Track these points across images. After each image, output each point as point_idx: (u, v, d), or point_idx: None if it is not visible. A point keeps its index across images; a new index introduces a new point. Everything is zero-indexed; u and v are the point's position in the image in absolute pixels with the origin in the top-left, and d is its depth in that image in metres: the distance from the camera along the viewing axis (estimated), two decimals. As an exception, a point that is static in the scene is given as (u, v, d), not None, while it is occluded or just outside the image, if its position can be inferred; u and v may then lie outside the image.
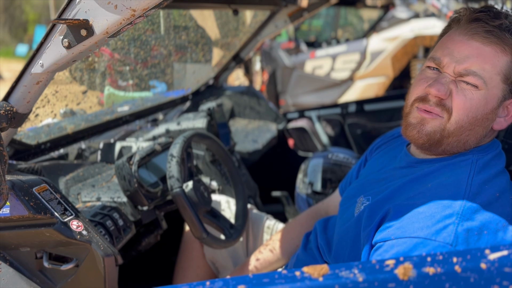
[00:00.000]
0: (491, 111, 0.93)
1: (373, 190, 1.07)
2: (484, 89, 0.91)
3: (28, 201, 1.05)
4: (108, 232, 1.26)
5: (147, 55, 2.24)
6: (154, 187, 1.46)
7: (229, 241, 1.44)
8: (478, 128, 0.94)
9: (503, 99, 0.94)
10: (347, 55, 5.06)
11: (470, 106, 0.91)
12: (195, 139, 1.50)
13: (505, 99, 0.94)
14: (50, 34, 0.97)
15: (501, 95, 0.93)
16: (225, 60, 2.63)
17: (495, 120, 0.95)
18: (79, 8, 0.91)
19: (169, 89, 2.54)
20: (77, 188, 1.51)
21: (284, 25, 2.31)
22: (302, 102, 5.39)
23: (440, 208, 0.87)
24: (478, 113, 0.92)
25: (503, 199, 0.90)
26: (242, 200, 1.60)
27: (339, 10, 6.94)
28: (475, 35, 0.91)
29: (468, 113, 0.92)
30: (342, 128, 2.70)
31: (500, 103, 0.94)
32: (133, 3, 0.86)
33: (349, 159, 2.09)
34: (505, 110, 0.96)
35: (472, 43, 0.91)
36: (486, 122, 0.94)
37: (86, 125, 1.80)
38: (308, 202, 2.06)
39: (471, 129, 0.93)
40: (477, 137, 0.96)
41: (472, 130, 0.93)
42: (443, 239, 0.83)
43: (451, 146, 0.96)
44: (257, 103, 2.66)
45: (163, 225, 1.54)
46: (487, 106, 0.92)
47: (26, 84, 1.04)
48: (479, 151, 0.97)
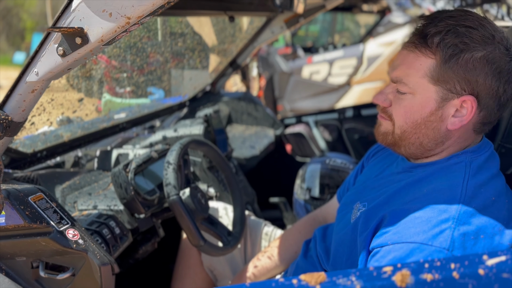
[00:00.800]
0: (430, 113, 0.94)
1: (369, 196, 1.07)
2: (415, 93, 0.94)
3: (23, 210, 1.05)
4: (105, 241, 1.26)
5: (144, 62, 2.24)
6: (151, 195, 1.45)
7: (227, 249, 1.43)
8: (425, 130, 0.95)
9: (443, 100, 0.92)
10: (344, 60, 5.08)
11: (405, 112, 0.96)
12: (192, 146, 1.50)
13: (446, 98, 0.92)
14: (45, 42, 0.97)
15: (438, 96, 0.92)
16: (222, 66, 2.63)
17: (446, 121, 0.93)
18: (74, 16, 0.91)
19: (166, 95, 2.54)
20: (74, 196, 1.50)
21: (280, 31, 2.31)
22: (300, 107, 5.40)
23: (436, 212, 0.87)
24: (416, 117, 0.95)
25: (499, 203, 0.90)
26: (240, 207, 1.60)
27: (335, 15, 6.97)
28: (404, 45, 0.97)
29: (406, 119, 0.96)
30: (340, 133, 2.70)
31: (441, 104, 0.92)
32: (127, 11, 0.86)
33: (347, 165, 2.09)
34: (462, 110, 0.92)
35: (402, 52, 0.97)
36: (432, 124, 0.95)
37: (83, 133, 1.80)
38: (306, 208, 2.05)
39: (417, 132, 0.96)
40: (431, 138, 0.96)
41: (419, 133, 0.96)
42: (440, 244, 0.82)
43: (410, 149, 1.00)
44: (254, 109, 2.66)
45: (160, 233, 1.53)
46: (424, 109, 0.94)
47: (21, 93, 1.04)
48: (472, 151, 0.97)
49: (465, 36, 0.88)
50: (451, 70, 0.89)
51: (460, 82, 0.90)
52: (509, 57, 0.91)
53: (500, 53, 0.89)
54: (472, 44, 0.88)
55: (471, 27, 0.89)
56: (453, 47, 0.89)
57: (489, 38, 0.89)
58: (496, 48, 0.89)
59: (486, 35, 0.89)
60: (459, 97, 0.91)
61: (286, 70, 5.43)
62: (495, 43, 0.89)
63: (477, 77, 0.89)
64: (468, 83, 0.90)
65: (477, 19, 0.91)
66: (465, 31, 0.89)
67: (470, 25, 0.89)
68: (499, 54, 0.89)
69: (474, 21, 0.90)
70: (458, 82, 0.90)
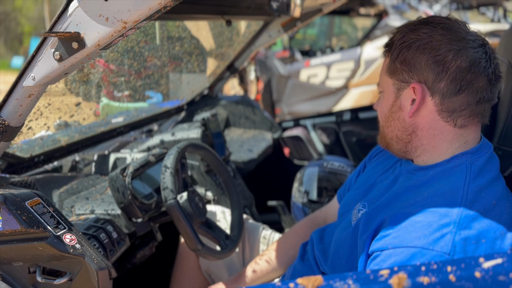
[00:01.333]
0: (392, 104, 1.04)
1: (370, 198, 1.07)
2: (384, 90, 1.07)
3: (20, 215, 1.04)
4: (102, 245, 1.25)
5: (141, 66, 2.24)
6: (148, 199, 1.45)
7: (225, 252, 1.43)
8: (393, 121, 1.04)
9: (398, 90, 1.01)
10: (341, 64, 5.09)
11: (380, 108, 1.10)
12: (189, 149, 1.50)
13: (400, 88, 1.01)
14: (41, 47, 0.97)
15: (394, 88, 1.02)
16: (220, 70, 2.64)
17: (405, 110, 1.00)
18: (71, 20, 0.91)
19: (164, 99, 2.54)
20: (71, 200, 1.49)
21: (277, 35, 2.32)
22: (298, 110, 5.41)
23: (437, 217, 0.87)
24: (385, 111, 1.07)
25: (500, 207, 0.90)
26: (238, 210, 1.60)
27: (333, 19, 6.99)
28: None
29: (381, 114, 1.09)
30: (337, 136, 2.70)
31: (398, 94, 1.02)
32: (124, 15, 0.87)
33: (345, 168, 2.09)
34: (416, 99, 0.98)
35: None
36: (395, 115, 1.03)
37: (80, 137, 1.80)
38: (304, 211, 2.05)
39: (388, 125, 1.06)
40: (401, 129, 1.03)
41: (390, 126, 1.06)
42: (441, 248, 0.82)
43: (393, 144, 1.07)
44: (252, 112, 2.66)
45: (158, 237, 1.53)
46: (388, 102, 1.05)
47: (17, 97, 1.04)
48: (472, 153, 0.97)
49: (409, 32, 0.99)
50: (397, 61, 1.00)
51: (406, 71, 0.98)
52: (447, 39, 0.95)
53: (438, 38, 0.95)
54: (413, 36, 0.98)
55: (421, 25, 0.98)
56: (396, 42, 1.01)
57: (428, 30, 0.97)
58: (433, 36, 0.95)
59: (425, 30, 0.97)
60: (409, 85, 0.98)
61: (284, 73, 5.44)
62: (433, 31, 0.96)
63: (415, 63, 0.96)
64: (412, 71, 0.97)
65: (434, 21, 0.98)
66: (410, 28, 0.99)
67: (421, 25, 0.98)
68: (436, 40, 0.95)
69: (428, 22, 0.99)
70: (404, 71, 0.99)
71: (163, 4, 0.85)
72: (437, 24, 0.97)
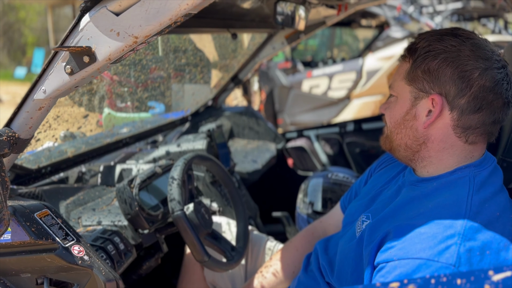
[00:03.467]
0: (406, 112, 1.02)
1: (375, 209, 1.08)
2: (398, 96, 1.04)
3: (29, 227, 1.05)
4: (109, 257, 1.26)
5: (146, 78, 2.26)
6: (155, 210, 1.46)
7: (231, 264, 1.43)
8: (405, 129, 1.03)
9: (415, 99, 1.00)
10: (343, 74, 5.12)
11: (390, 114, 1.07)
12: (196, 161, 1.51)
13: (418, 97, 0.99)
14: (52, 61, 0.98)
15: (411, 96, 1.00)
16: (224, 81, 2.66)
17: (420, 120, 0.99)
18: (82, 35, 0.93)
19: (168, 110, 2.56)
20: (78, 212, 1.50)
21: (281, 47, 2.34)
22: (300, 120, 5.42)
23: (441, 228, 0.87)
24: (397, 117, 1.04)
25: (504, 218, 0.91)
26: (243, 222, 1.60)
27: (334, 30, 7.04)
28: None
29: (391, 119, 1.06)
30: (341, 147, 2.71)
31: (414, 103, 1.00)
32: (135, 30, 0.88)
33: (349, 179, 2.10)
34: (433, 111, 0.97)
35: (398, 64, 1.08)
36: (409, 123, 1.02)
37: (87, 148, 1.81)
38: (309, 222, 2.05)
39: (398, 132, 1.04)
40: (411, 138, 1.02)
41: (401, 133, 1.04)
42: (446, 260, 0.83)
43: (400, 150, 1.06)
44: (256, 123, 2.68)
45: (163, 248, 1.53)
46: (402, 109, 1.03)
47: (28, 110, 1.05)
48: (475, 166, 0.97)
49: (435, 41, 0.98)
50: (419, 69, 0.98)
51: (428, 81, 0.97)
52: (475, 56, 0.95)
53: (469, 59, 0.94)
54: (440, 46, 0.96)
55: (447, 36, 0.98)
56: (420, 49, 0.99)
57: (456, 43, 0.96)
58: (461, 50, 0.95)
59: (458, 42, 0.96)
60: (428, 96, 0.97)
61: (286, 84, 5.47)
62: (462, 45, 0.95)
63: (439, 75, 0.95)
64: (434, 82, 0.96)
65: (462, 34, 0.98)
66: (437, 37, 0.98)
67: (448, 36, 0.98)
68: (467, 59, 0.94)
69: (455, 33, 0.98)
70: (426, 80, 0.97)
71: (174, 20, 0.86)
72: (466, 38, 0.96)
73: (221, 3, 1.53)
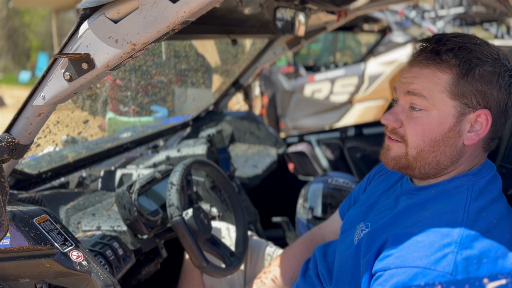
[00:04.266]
0: (449, 129, 0.93)
1: (373, 217, 1.08)
2: (433, 109, 0.93)
3: (28, 232, 1.05)
4: (108, 262, 1.26)
5: (148, 83, 2.27)
6: (154, 215, 1.46)
7: (230, 270, 1.43)
8: (443, 147, 0.95)
9: (460, 115, 0.93)
10: (345, 79, 5.12)
11: (422, 131, 0.95)
12: (195, 166, 1.51)
13: (463, 113, 0.93)
14: (52, 68, 0.99)
15: (455, 111, 0.93)
16: (225, 86, 2.67)
17: (463, 136, 0.94)
18: (81, 42, 0.94)
19: (169, 115, 2.57)
20: (78, 217, 1.51)
21: (282, 52, 2.35)
22: (302, 125, 5.43)
23: (438, 237, 0.87)
24: (434, 134, 0.94)
25: (501, 226, 0.90)
26: (243, 227, 1.60)
27: (337, 34, 7.06)
28: (415, 62, 0.97)
29: (423, 137, 0.95)
30: (342, 152, 2.71)
31: (459, 119, 0.93)
32: (133, 37, 0.89)
33: (349, 184, 2.10)
34: (475, 126, 0.93)
35: (413, 69, 0.96)
36: (450, 141, 0.94)
37: (87, 153, 1.82)
38: (308, 228, 2.05)
39: (435, 150, 0.95)
40: (448, 156, 0.96)
41: (437, 151, 0.95)
42: (443, 268, 0.82)
43: (425, 169, 0.98)
44: (257, 128, 2.68)
45: (163, 254, 1.53)
46: (443, 125, 0.93)
47: (28, 116, 1.06)
48: (474, 174, 0.97)
49: (477, 52, 0.92)
50: (469, 84, 0.91)
51: (477, 96, 0.91)
52: (510, 72, 0.94)
53: (507, 69, 0.94)
54: (484, 58, 0.91)
55: (478, 44, 0.93)
56: (469, 62, 0.91)
57: (495, 54, 0.93)
58: (502, 63, 0.93)
59: (492, 52, 0.93)
60: (474, 111, 0.92)
61: (288, 88, 5.48)
62: (500, 59, 0.94)
63: (492, 90, 0.91)
64: (484, 97, 0.91)
65: (479, 39, 0.96)
66: (475, 47, 0.92)
67: (477, 42, 0.93)
68: (506, 69, 0.93)
69: (477, 40, 0.95)
70: (475, 96, 0.91)
71: (171, 27, 0.87)
72: (503, 54, 0.95)
73: (220, 10, 1.53)
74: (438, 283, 0.77)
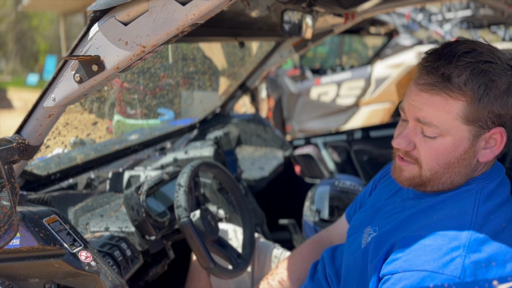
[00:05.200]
0: (464, 151, 0.92)
1: (380, 221, 1.07)
2: (447, 135, 0.92)
3: (38, 232, 1.06)
4: (116, 263, 1.27)
5: (155, 86, 2.29)
6: (162, 217, 1.47)
7: (237, 271, 1.43)
8: (458, 168, 0.94)
9: (475, 137, 0.92)
10: (352, 82, 5.12)
11: (437, 155, 0.93)
12: (202, 168, 1.52)
13: (478, 135, 0.91)
14: (62, 69, 1.00)
15: (471, 135, 0.91)
16: (232, 89, 2.68)
17: (477, 155, 0.93)
18: (91, 44, 0.95)
19: (177, 117, 2.58)
20: (86, 218, 1.52)
21: (289, 55, 2.36)
22: (308, 127, 5.43)
23: (446, 240, 0.87)
24: (449, 158, 0.93)
25: (509, 229, 0.90)
26: (249, 229, 1.60)
27: (343, 37, 7.05)
28: (423, 87, 0.92)
29: (438, 161, 0.94)
30: (349, 154, 2.71)
31: (474, 141, 0.92)
32: (143, 40, 0.90)
33: (356, 187, 2.09)
34: (490, 141, 0.93)
35: (422, 94, 0.92)
36: (464, 162, 0.94)
37: (96, 155, 1.83)
38: (315, 230, 2.05)
39: (449, 171, 0.95)
40: (462, 174, 0.95)
41: (452, 172, 0.95)
42: (451, 272, 0.82)
43: (438, 187, 0.98)
44: (264, 130, 2.69)
45: (170, 255, 1.54)
46: (458, 149, 0.92)
47: (38, 118, 1.07)
48: (483, 178, 0.97)
49: (490, 73, 0.88)
50: (483, 108, 0.89)
51: (492, 117, 0.90)
52: None
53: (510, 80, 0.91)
54: (498, 79, 0.88)
55: (490, 62, 0.89)
56: (483, 86, 0.88)
57: (506, 68, 0.90)
58: (506, 73, 0.90)
59: (504, 66, 0.90)
60: (489, 130, 0.91)
61: (295, 91, 5.49)
62: (502, 68, 0.90)
63: (507, 110, 0.90)
64: (498, 116, 0.90)
65: (490, 51, 0.91)
66: (488, 67, 0.88)
67: (488, 60, 0.89)
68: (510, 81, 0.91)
69: (489, 54, 0.90)
70: (490, 118, 0.90)
71: (181, 29, 0.88)
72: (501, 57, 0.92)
73: (228, 12, 1.54)
74: (447, 286, 0.77)
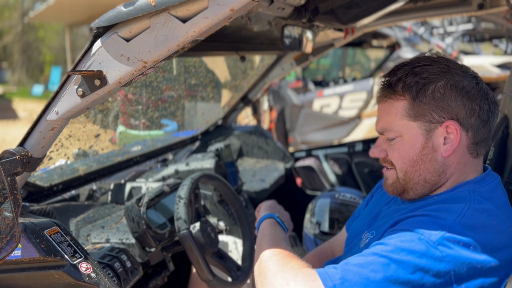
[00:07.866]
0: (422, 147, 1.00)
1: (377, 226, 1.09)
2: (403, 135, 1.01)
3: (39, 244, 1.08)
4: (116, 274, 1.27)
5: (158, 98, 2.31)
6: (162, 228, 1.48)
7: (236, 284, 1.43)
8: (423, 164, 1.01)
9: (428, 132, 0.99)
10: (354, 94, 5.14)
11: (400, 154, 1.02)
12: (203, 180, 1.53)
13: (430, 129, 0.98)
14: (65, 84, 1.03)
15: (422, 130, 0.99)
16: (234, 101, 2.70)
17: (439, 150, 0.99)
18: (94, 59, 0.97)
19: (179, 129, 2.61)
20: (87, 229, 1.53)
21: (290, 68, 2.38)
22: (311, 139, 5.44)
23: (434, 219, 0.90)
24: (411, 155, 1.01)
25: (500, 228, 0.91)
26: (249, 241, 1.61)
27: (346, 50, 7.10)
28: (378, 100, 1.07)
29: (403, 159, 1.02)
30: (350, 167, 2.71)
31: (428, 136, 0.99)
32: (144, 55, 0.92)
33: (356, 199, 2.10)
34: (450, 136, 0.98)
35: (378, 107, 1.07)
36: (427, 157, 1.00)
37: (98, 167, 1.85)
38: (316, 242, 2.05)
39: (417, 169, 1.01)
40: (432, 171, 1.00)
41: (419, 169, 1.01)
42: (429, 236, 0.86)
43: (417, 189, 1.03)
44: (265, 142, 2.70)
45: (170, 267, 1.55)
46: (415, 146, 1.00)
47: (41, 130, 1.09)
48: (475, 182, 0.99)
49: (423, 72, 0.98)
50: (422, 103, 0.97)
51: (436, 111, 0.97)
52: (470, 77, 0.98)
53: (459, 77, 0.97)
54: (431, 76, 0.97)
55: (425, 64, 0.99)
56: (416, 84, 0.98)
57: (444, 68, 0.98)
58: (454, 74, 0.98)
59: (441, 67, 0.99)
60: (441, 124, 0.97)
61: (297, 103, 5.51)
62: (451, 70, 0.98)
63: (448, 102, 0.96)
64: (443, 110, 0.97)
65: (430, 58, 1.01)
66: (421, 69, 0.99)
67: (424, 63, 1.00)
68: (459, 77, 0.97)
69: (427, 60, 1.01)
70: (434, 111, 0.97)
71: (181, 46, 0.90)
72: (440, 58, 1.01)
73: (230, 27, 1.57)
74: None
